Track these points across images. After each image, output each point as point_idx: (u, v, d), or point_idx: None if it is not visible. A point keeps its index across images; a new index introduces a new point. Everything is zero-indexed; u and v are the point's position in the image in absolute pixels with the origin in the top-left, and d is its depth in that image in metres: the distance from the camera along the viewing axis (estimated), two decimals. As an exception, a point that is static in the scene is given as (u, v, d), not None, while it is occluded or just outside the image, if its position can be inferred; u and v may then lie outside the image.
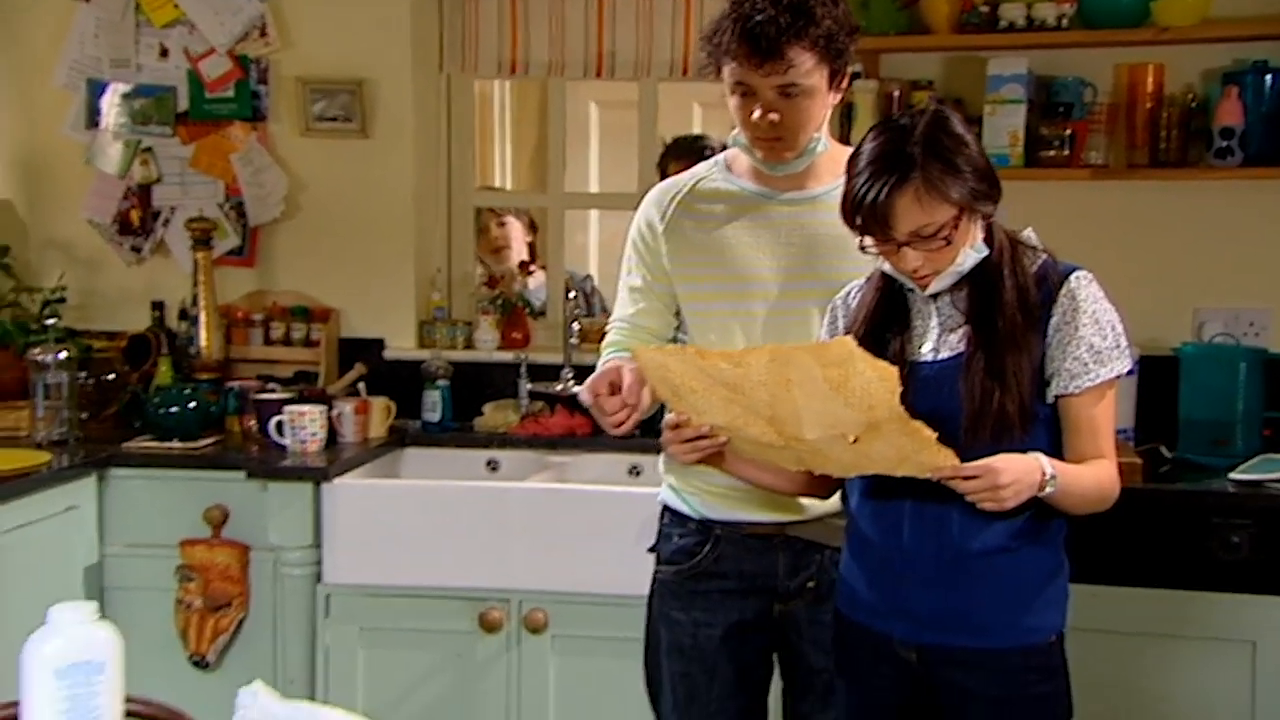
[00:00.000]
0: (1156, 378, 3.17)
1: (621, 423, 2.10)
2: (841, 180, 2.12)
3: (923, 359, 1.95)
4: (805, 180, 2.20)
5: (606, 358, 2.28)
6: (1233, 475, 2.88)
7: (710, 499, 2.25)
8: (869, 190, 1.85)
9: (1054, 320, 1.91)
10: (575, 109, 4.26)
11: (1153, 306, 3.26)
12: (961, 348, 1.92)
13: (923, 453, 1.81)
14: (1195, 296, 3.30)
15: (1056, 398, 1.92)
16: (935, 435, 1.79)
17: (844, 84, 2.17)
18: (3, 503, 2.87)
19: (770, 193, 2.22)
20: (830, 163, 2.19)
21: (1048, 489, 1.86)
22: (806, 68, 2.07)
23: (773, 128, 2.11)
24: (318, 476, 3.11)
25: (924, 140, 1.85)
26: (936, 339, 1.96)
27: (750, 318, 2.20)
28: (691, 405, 1.94)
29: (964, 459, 1.81)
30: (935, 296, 1.95)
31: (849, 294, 2.09)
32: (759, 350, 1.86)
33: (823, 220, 2.16)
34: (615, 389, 2.10)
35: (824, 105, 2.15)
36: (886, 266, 1.94)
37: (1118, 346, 1.93)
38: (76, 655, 1.47)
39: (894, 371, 1.77)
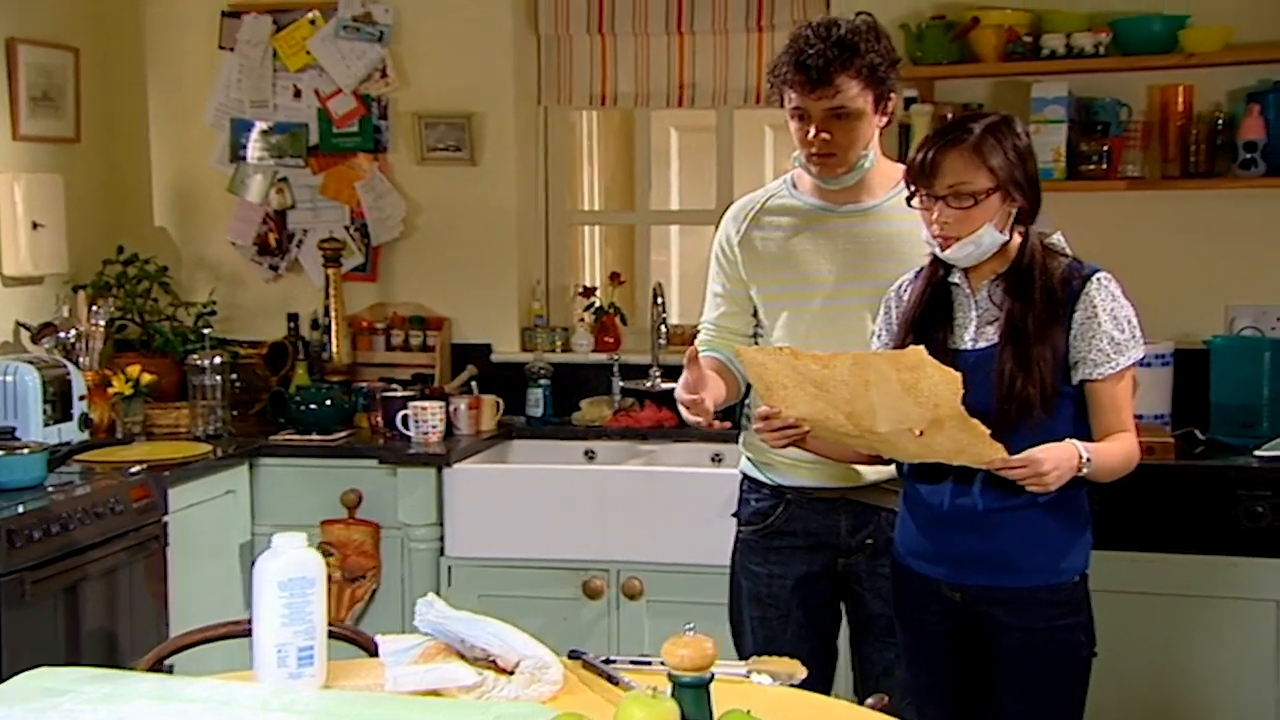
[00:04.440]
0: (1190, 367, 3.46)
1: (697, 410, 2.40)
2: (892, 192, 2.49)
3: (963, 348, 2.28)
4: (860, 194, 2.53)
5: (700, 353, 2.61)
6: (1257, 453, 3.19)
7: (783, 469, 2.59)
8: (928, 149, 2.22)
9: (1077, 316, 2.23)
10: (657, 134, 4.63)
11: (1186, 303, 3.56)
12: (996, 339, 2.24)
13: (978, 445, 2.10)
14: (1227, 294, 3.58)
15: (1082, 382, 2.24)
16: (989, 431, 2.08)
17: (889, 108, 2.49)
18: (175, 486, 3.33)
19: (831, 206, 2.55)
20: (881, 178, 2.53)
21: (1084, 470, 2.17)
22: (852, 93, 2.40)
23: (825, 145, 2.44)
24: (440, 463, 3.53)
25: (985, 123, 2.22)
26: (975, 330, 2.28)
27: (812, 315, 2.52)
28: (781, 399, 2.25)
29: (998, 434, 2.11)
30: (974, 294, 2.28)
31: (900, 287, 2.40)
32: (844, 355, 2.16)
33: (874, 229, 2.51)
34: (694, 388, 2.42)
35: (871, 126, 2.47)
36: (924, 234, 2.25)
37: (1134, 338, 2.25)
38: (295, 571, 1.85)
39: (958, 376, 2.06)
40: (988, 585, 2.28)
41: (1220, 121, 3.49)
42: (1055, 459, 2.14)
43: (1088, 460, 2.17)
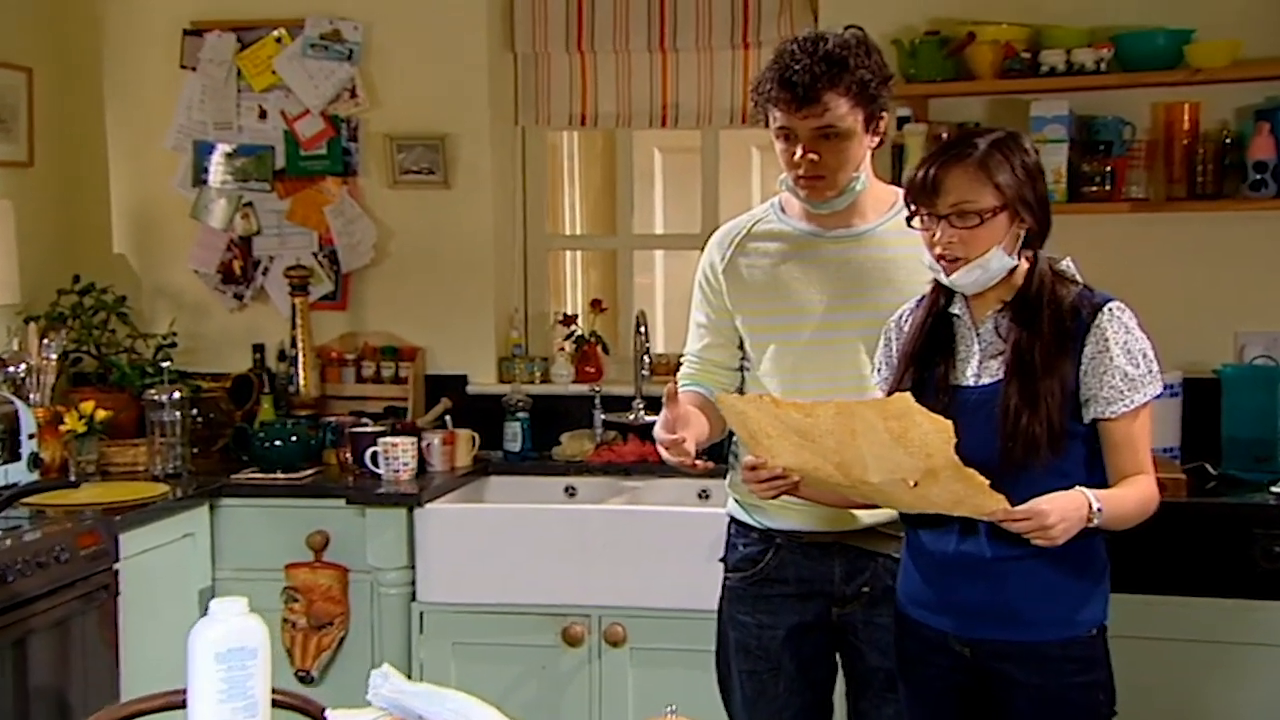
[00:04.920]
0: (1200, 398, 3.31)
1: (678, 452, 2.25)
2: (886, 216, 2.35)
3: (966, 384, 2.13)
4: (851, 218, 2.39)
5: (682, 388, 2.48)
6: (1274, 489, 3.03)
7: (772, 511, 2.42)
8: (929, 165, 2.07)
9: (1088, 350, 2.07)
10: (640, 155, 4.49)
11: (1195, 331, 3.41)
12: (1001, 374, 2.09)
13: (976, 496, 1.96)
14: (1236, 321, 3.43)
15: (1095, 421, 2.08)
16: (987, 482, 1.94)
17: (881, 127, 2.35)
18: (128, 530, 3.14)
19: (820, 231, 2.40)
20: (874, 201, 2.39)
21: (1094, 521, 2.01)
22: (841, 111, 2.26)
23: (813, 167, 2.30)
24: (411, 503, 3.35)
25: (991, 139, 2.08)
26: (978, 365, 2.13)
27: (801, 346, 2.38)
28: (767, 449, 2.11)
29: (1003, 477, 1.96)
30: (978, 326, 2.13)
31: (901, 318, 2.25)
32: (827, 404, 2.02)
33: (869, 254, 2.36)
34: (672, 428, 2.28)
35: (861, 146, 2.33)
36: (926, 259, 2.11)
37: (1150, 372, 2.09)
38: (234, 641, 1.67)
39: (949, 425, 1.91)
40: (997, 639, 2.12)
41: (1228, 140, 3.35)
42: (1062, 510, 1.98)
43: (1098, 510, 2.01)
